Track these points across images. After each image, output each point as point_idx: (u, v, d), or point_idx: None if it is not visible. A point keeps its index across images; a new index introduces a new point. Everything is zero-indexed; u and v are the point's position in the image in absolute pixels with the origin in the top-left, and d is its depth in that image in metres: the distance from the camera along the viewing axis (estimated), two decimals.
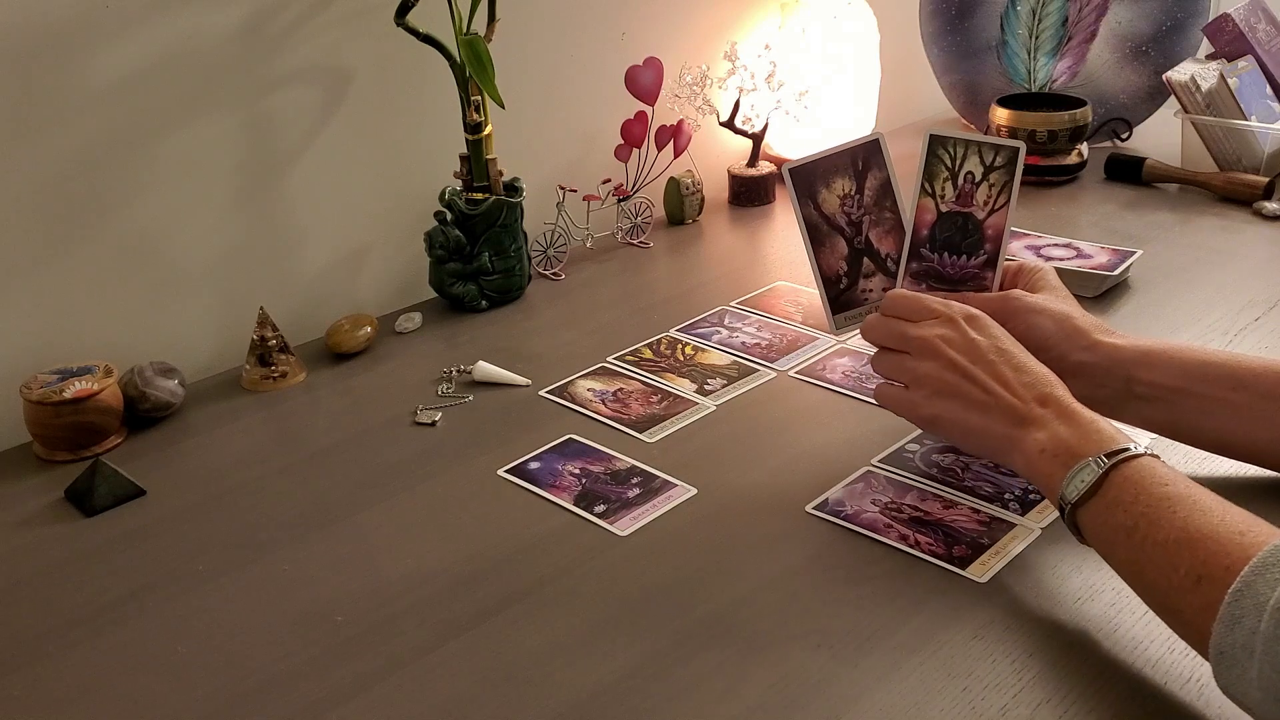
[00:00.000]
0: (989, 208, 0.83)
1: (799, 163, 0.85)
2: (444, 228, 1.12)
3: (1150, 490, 0.62)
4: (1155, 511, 0.61)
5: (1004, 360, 0.74)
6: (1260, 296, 1.09)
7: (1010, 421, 0.72)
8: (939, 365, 0.75)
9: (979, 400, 0.73)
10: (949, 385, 0.75)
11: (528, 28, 1.23)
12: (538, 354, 1.06)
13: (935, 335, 0.76)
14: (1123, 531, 0.63)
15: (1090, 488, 0.65)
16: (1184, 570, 0.58)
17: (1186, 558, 0.58)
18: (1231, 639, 0.54)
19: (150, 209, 1.02)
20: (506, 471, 0.87)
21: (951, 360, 0.75)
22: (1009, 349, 0.75)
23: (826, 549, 0.76)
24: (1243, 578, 0.54)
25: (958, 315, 0.76)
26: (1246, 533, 0.57)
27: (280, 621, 0.72)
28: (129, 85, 0.98)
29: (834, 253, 0.86)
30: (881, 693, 0.63)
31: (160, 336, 1.04)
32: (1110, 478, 0.64)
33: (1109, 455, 0.65)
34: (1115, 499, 0.64)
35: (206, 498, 0.86)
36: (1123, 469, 0.64)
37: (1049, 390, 0.72)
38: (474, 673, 0.66)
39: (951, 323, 0.76)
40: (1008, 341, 0.75)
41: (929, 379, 0.76)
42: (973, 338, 0.75)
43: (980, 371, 0.74)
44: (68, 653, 0.70)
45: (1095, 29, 1.51)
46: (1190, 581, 0.57)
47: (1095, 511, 0.65)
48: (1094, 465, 0.65)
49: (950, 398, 0.75)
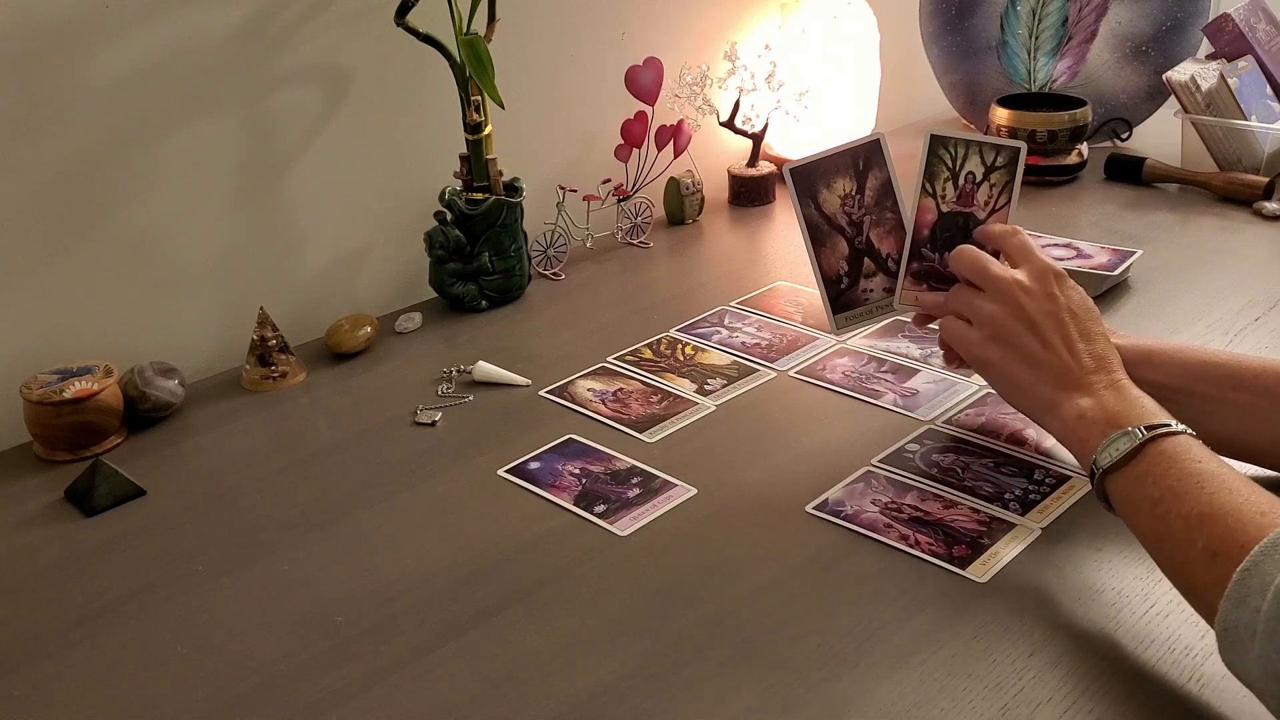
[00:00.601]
0: (990, 208, 0.83)
1: (800, 162, 0.85)
2: (444, 228, 1.12)
3: (1182, 466, 0.63)
4: (1183, 485, 0.62)
5: (1074, 323, 0.75)
6: (1260, 296, 1.09)
7: (1058, 384, 0.73)
8: (1008, 310, 0.76)
9: (1035, 355, 0.74)
10: (1010, 333, 0.75)
11: (528, 28, 1.23)
12: (538, 354, 1.06)
13: (1015, 280, 0.76)
14: (1148, 502, 0.64)
15: (1124, 457, 0.66)
16: (1201, 544, 0.59)
17: (1205, 533, 0.59)
18: (1236, 617, 0.54)
19: (150, 209, 1.02)
20: (506, 471, 0.87)
21: (1022, 308, 0.75)
22: (1083, 317, 0.75)
23: (826, 549, 0.76)
24: (1252, 557, 0.55)
25: (1047, 269, 0.76)
26: (1268, 512, 0.58)
27: (280, 621, 0.72)
28: (129, 85, 0.98)
29: (834, 252, 0.86)
30: (882, 693, 0.63)
31: (160, 336, 1.04)
32: (1146, 449, 0.66)
33: (1149, 428, 0.66)
34: (1146, 471, 0.65)
35: (206, 498, 0.86)
36: (1160, 443, 0.65)
37: (1106, 364, 0.73)
38: (474, 673, 0.66)
39: (1039, 275, 0.76)
40: (1085, 310, 0.76)
41: (993, 321, 0.76)
42: (1052, 292, 0.75)
43: (1047, 327, 0.74)
44: (68, 653, 0.70)
45: (1095, 29, 1.51)
46: (1206, 556, 0.58)
47: (1125, 481, 0.66)
48: (1132, 435, 0.66)
49: (1007, 345, 0.76)
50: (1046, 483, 0.81)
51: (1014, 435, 0.87)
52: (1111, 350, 0.75)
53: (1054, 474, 0.82)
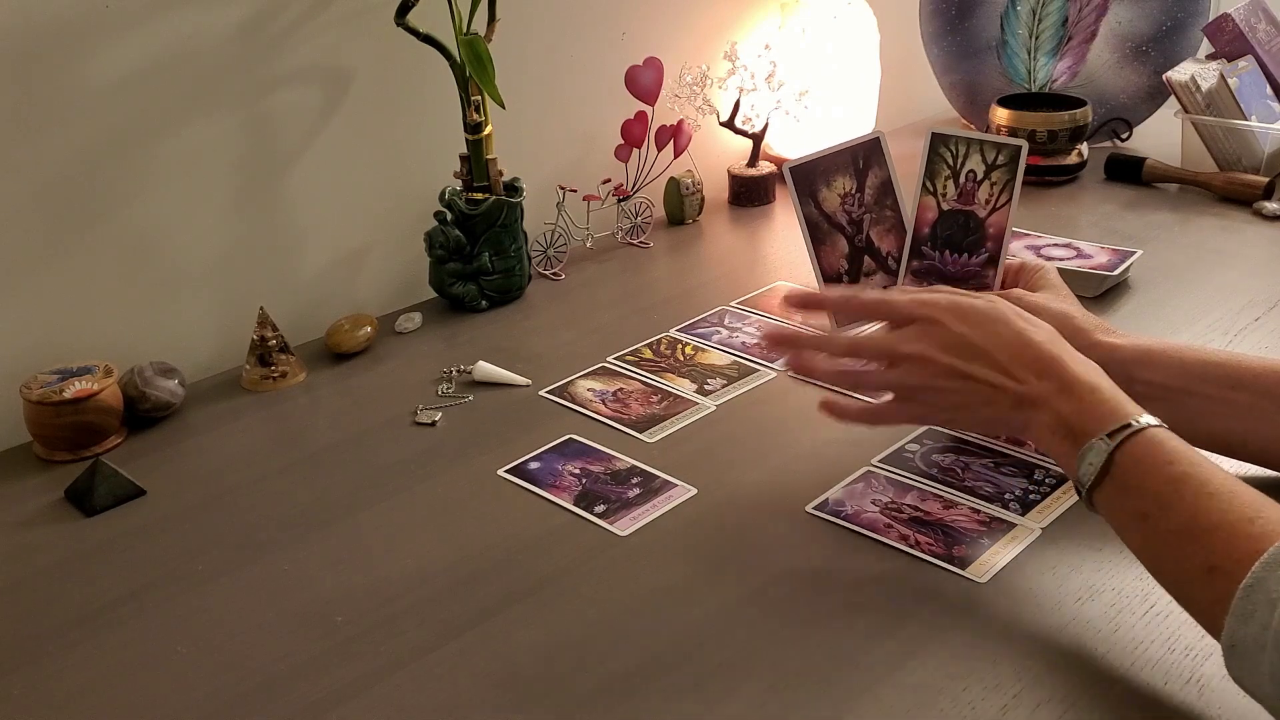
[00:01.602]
0: (990, 206, 0.83)
1: (800, 161, 0.85)
2: (444, 228, 1.12)
3: (1157, 471, 0.62)
4: (1165, 496, 0.61)
5: (996, 344, 0.72)
6: (1260, 296, 1.09)
7: (1017, 405, 0.71)
8: (933, 373, 0.73)
9: (984, 395, 0.72)
10: (950, 391, 0.73)
11: (528, 28, 1.23)
12: (538, 354, 1.06)
13: (920, 349, 0.74)
14: (1137, 517, 0.63)
15: (1100, 470, 0.65)
16: (1197, 561, 0.58)
17: (1199, 548, 0.59)
18: (1244, 633, 0.54)
19: (150, 209, 1.02)
20: (506, 471, 0.87)
21: (947, 368, 0.73)
22: (998, 328, 0.72)
23: (826, 549, 0.76)
24: (1254, 573, 0.55)
25: (938, 314, 0.74)
26: (1255, 519, 0.57)
27: (280, 621, 0.72)
28: (129, 85, 0.98)
29: (835, 251, 0.86)
30: (881, 693, 0.63)
31: (160, 336, 1.04)
32: (1116, 459, 0.64)
33: (1111, 435, 0.65)
34: (1125, 482, 0.64)
35: (206, 498, 0.86)
36: (1128, 448, 0.64)
37: (1047, 362, 0.70)
38: (474, 673, 0.66)
39: (934, 325, 0.74)
40: (994, 319, 0.73)
41: (928, 390, 0.74)
42: (960, 333, 0.73)
43: (977, 367, 0.72)
44: (68, 653, 0.70)
45: (1095, 29, 1.51)
46: (1202, 573, 0.58)
47: (1109, 494, 0.65)
48: (1099, 446, 0.65)
49: (956, 407, 0.74)
50: (1046, 483, 0.81)
51: (1014, 435, 0.87)
52: (1041, 338, 0.71)
53: (1054, 474, 0.82)
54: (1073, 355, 0.71)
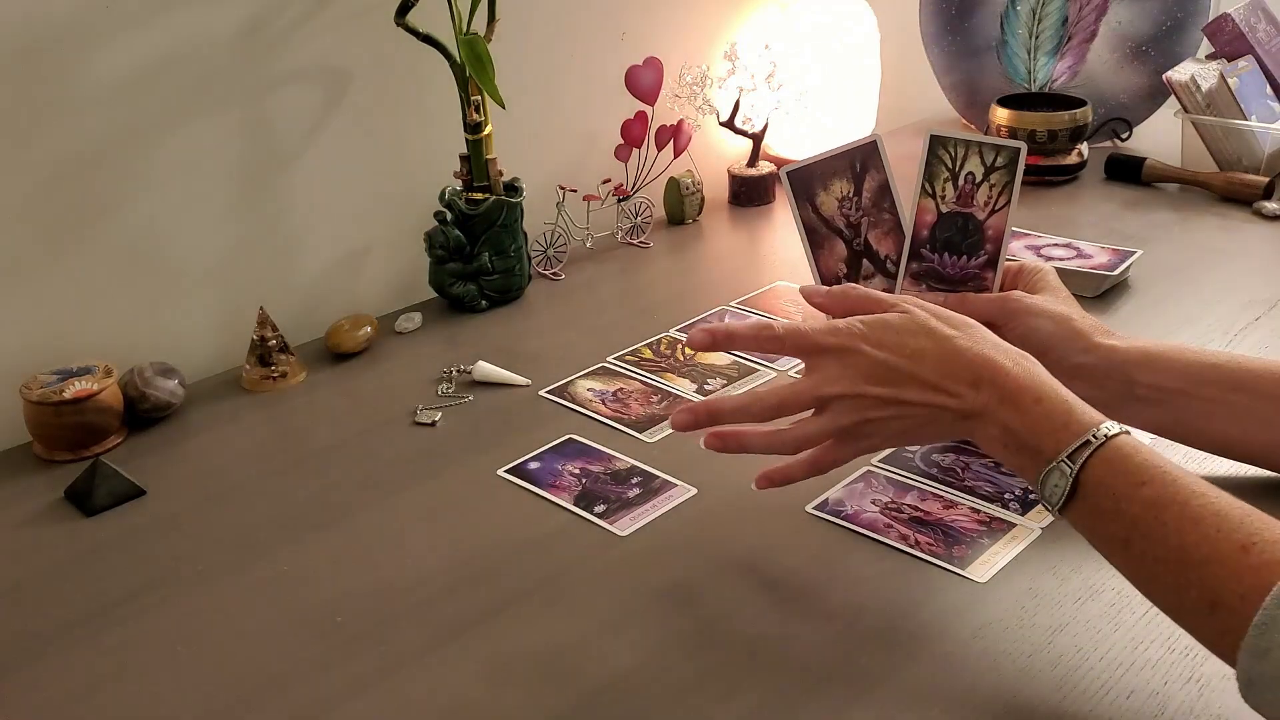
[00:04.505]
0: (989, 208, 0.83)
1: (796, 165, 0.85)
2: (444, 228, 1.12)
3: (1130, 494, 0.59)
4: (1144, 523, 0.59)
5: (920, 362, 0.68)
6: (1260, 296, 1.09)
7: (960, 418, 0.68)
8: (865, 407, 0.69)
9: (923, 416, 0.68)
10: (888, 420, 0.69)
11: (528, 28, 1.23)
12: (538, 354, 1.06)
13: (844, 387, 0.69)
14: (1118, 543, 0.60)
15: (1066, 493, 0.62)
16: (1195, 593, 0.56)
17: (1194, 581, 0.56)
18: (1261, 669, 0.53)
19: (150, 209, 1.02)
20: (506, 471, 0.87)
21: (876, 399, 0.68)
22: (919, 342, 0.68)
23: (826, 549, 0.76)
24: (1266, 610, 0.53)
25: (852, 342, 0.69)
26: (1249, 547, 0.55)
27: (280, 621, 0.72)
28: (129, 85, 0.98)
29: (833, 255, 0.86)
30: (881, 693, 0.63)
31: (160, 336, 1.04)
32: (1082, 480, 0.61)
33: (1071, 456, 0.61)
34: (1096, 505, 0.61)
35: (206, 498, 0.86)
36: (1091, 469, 0.61)
37: (979, 368, 0.66)
38: (474, 673, 0.66)
39: (851, 354, 0.69)
40: (913, 333, 0.69)
41: (865, 424, 0.70)
42: (880, 359, 0.68)
43: (908, 391, 0.68)
44: (68, 653, 0.70)
45: (1095, 29, 1.51)
46: (1204, 607, 0.56)
47: (1081, 516, 0.62)
48: (1062, 468, 0.62)
49: (901, 433, 0.70)
50: None
51: None
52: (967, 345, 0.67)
53: None
54: (1007, 354, 0.67)
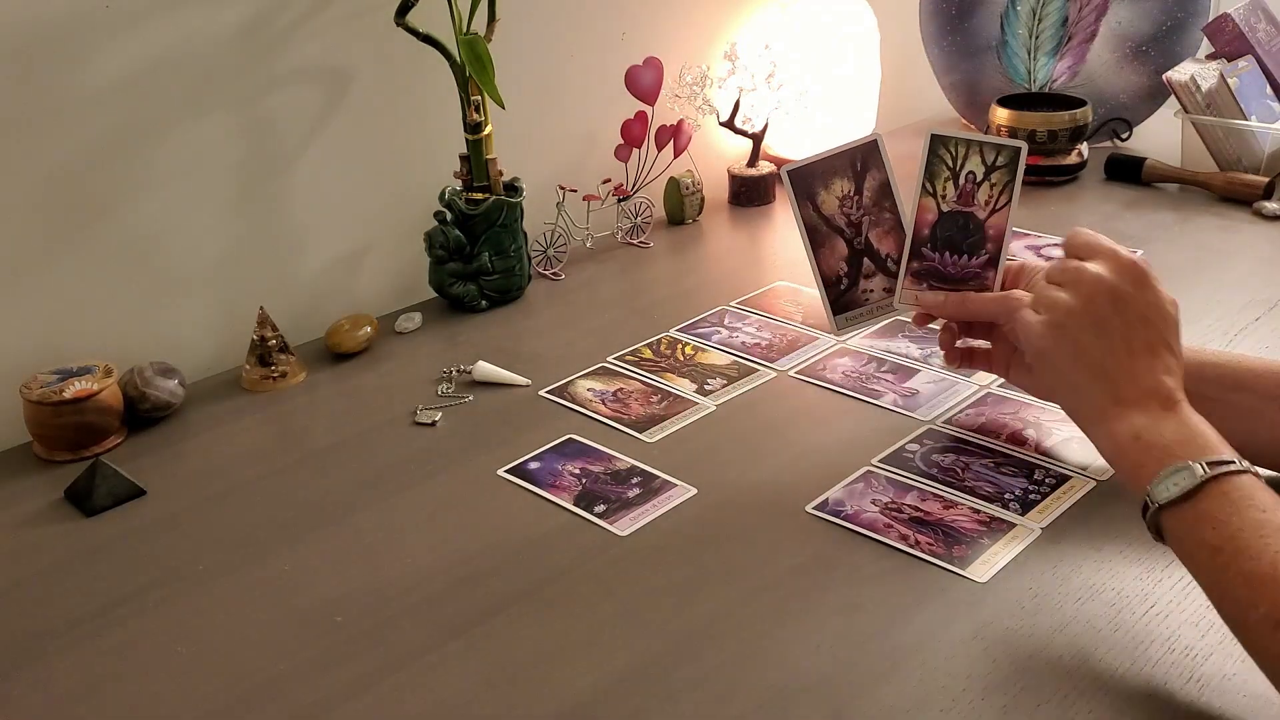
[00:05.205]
0: (990, 207, 0.83)
1: (797, 164, 0.85)
2: (444, 228, 1.12)
3: (1245, 513, 0.59)
4: (1246, 536, 0.58)
5: (1144, 329, 0.69)
6: (1260, 296, 1.09)
7: (1112, 395, 0.68)
8: (1077, 298, 0.70)
9: (1093, 357, 0.69)
10: (1074, 324, 0.70)
11: (528, 28, 1.23)
12: (538, 354, 1.06)
13: (1091, 270, 0.70)
14: (1208, 549, 0.60)
15: (1183, 494, 0.61)
16: (1264, 610, 0.56)
17: (1268, 597, 0.56)
18: None
19: (150, 209, 1.02)
20: (506, 471, 0.87)
21: (1091, 300, 0.69)
22: (1156, 323, 0.69)
23: (826, 549, 0.76)
24: None
25: (1128, 264, 0.70)
26: None
27: (280, 621, 0.72)
28: (129, 85, 0.98)
29: (834, 254, 0.86)
30: (882, 693, 0.63)
31: (160, 336, 1.04)
32: (1207, 488, 0.61)
33: (1211, 464, 0.62)
34: (1207, 511, 0.61)
35: (206, 498, 0.86)
36: (1222, 482, 0.61)
37: (1168, 379, 0.68)
38: (474, 673, 0.66)
39: (1119, 268, 0.70)
40: (1162, 319, 0.70)
41: (1059, 306, 0.71)
42: (1126, 291, 0.69)
43: (1114, 327, 0.69)
44: (68, 653, 0.70)
45: (1095, 29, 1.51)
46: (1269, 625, 0.56)
47: (1183, 519, 0.62)
48: (1194, 470, 0.62)
49: (1067, 339, 0.70)
50: (1046, 483, 0.81)
51: (1014, 435, 0.87)
52: (1178, 368, 0.69)
53: (1054, 474, 0.82)
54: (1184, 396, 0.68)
